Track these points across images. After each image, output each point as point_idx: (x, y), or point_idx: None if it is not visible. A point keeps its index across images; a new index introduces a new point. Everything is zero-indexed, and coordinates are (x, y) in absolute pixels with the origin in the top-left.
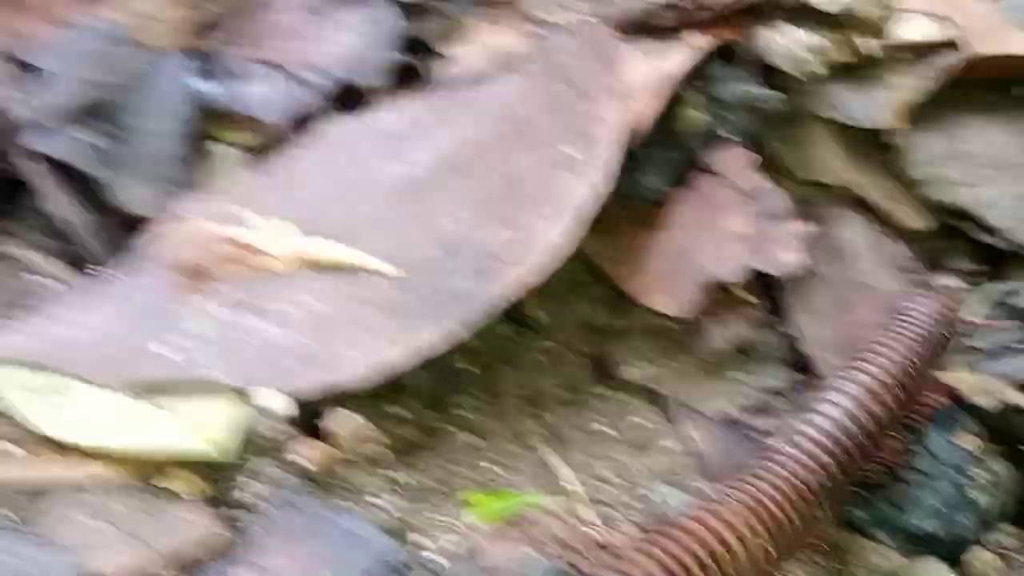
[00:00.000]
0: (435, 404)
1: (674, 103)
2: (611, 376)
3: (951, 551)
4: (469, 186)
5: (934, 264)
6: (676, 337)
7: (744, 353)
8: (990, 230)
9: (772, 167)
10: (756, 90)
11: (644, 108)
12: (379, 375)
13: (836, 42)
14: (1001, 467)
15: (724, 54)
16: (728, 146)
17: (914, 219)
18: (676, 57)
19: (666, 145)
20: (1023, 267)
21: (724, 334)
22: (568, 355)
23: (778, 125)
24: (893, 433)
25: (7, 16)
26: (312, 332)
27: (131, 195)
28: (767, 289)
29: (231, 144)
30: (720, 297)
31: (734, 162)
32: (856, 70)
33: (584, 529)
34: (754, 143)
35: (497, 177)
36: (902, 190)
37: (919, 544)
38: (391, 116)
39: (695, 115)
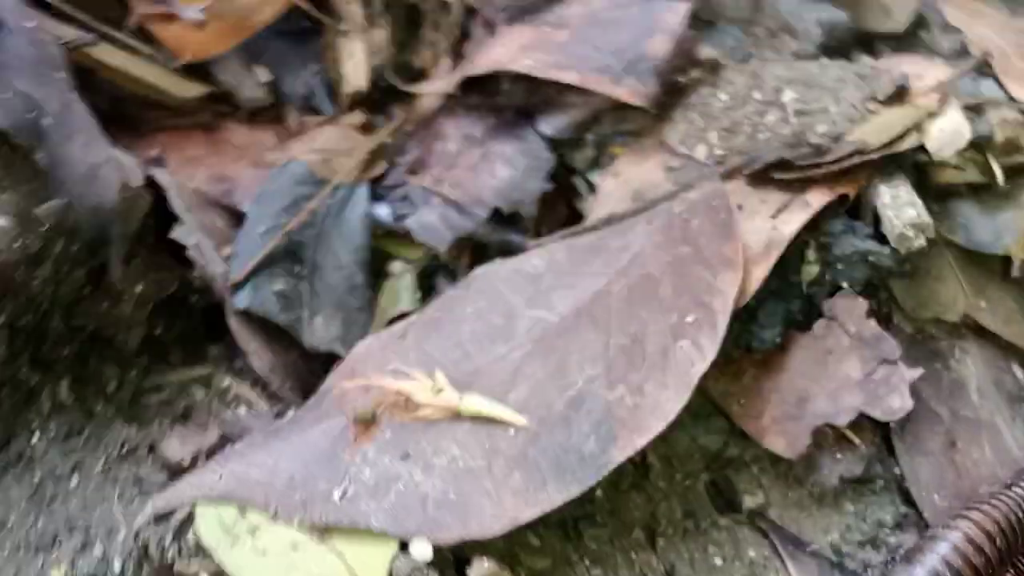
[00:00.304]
0: (565, 531)
1: (792, 255)
2: (730, 503)
3: None
4: (598, 340)
5: None
6: (791, 469)
7: (856, 488)
8: None
9: (891, 305)
10: (871, 246)
11: (757, 271)
12: (506, 529)
13: (968, 162)
14: None
15: (842, 208)
16: (844, 295)
17: None
18: (794, 216)
19: (783, 296)
20: None
21: (836, 469)
22: (689, 482)
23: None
24: None
25: (218, 161)
26: (455, 483)
27: (319, 335)
28: (880, 426)
29: (407, 261)
30: (832, 435)
31: (849, 310)
32: (988, 189)
33: None
34: (874, 284)
35: (624, 335)
36: None
37: None
38: (536, 260)
39: (812, 268)
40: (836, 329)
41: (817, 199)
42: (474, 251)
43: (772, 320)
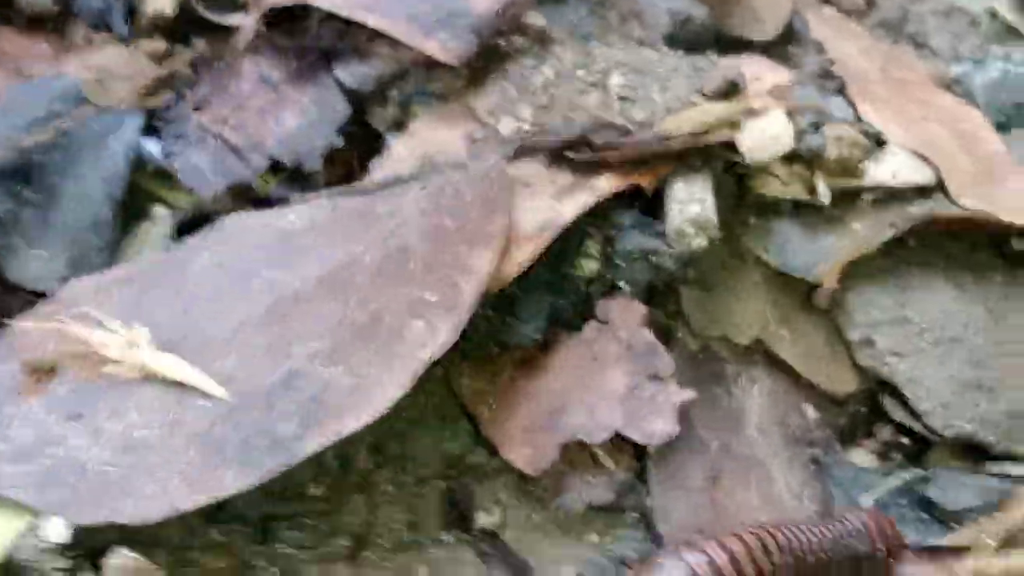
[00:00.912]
0: (263, 532)
1: (571, 246)
2: (463, 518)
3: None
4: (334, 313)
5: (851, 437)
6: (536, 488)
7: (605, 518)
8: (912, 411)
9: (678, 318)
10: (655, 244)
11: (521, 254)
12: (163, 516)
13: (795, 177)
14: None
15: (635, 201)
16: (622, 298)
17: (839, 385)
18: (577, 200)
19: (553, 290)
20: (946, 455)
21: (585, 493)
22: (422, 491)
23: (698, 270)
24: None
25: None
26: (121, 455)
27: (31, 270)
28: (641, 449)
29: (171, 206)
30: (586, 454)
31: (624, 315)
32: (814, 210)
33: None
34: (662, 292)
35: (363, 310)
36: (833, 352)
37: None
38: (293, 217)
39: (591, 263)
40: (607, 335)
41: (606, 185)
42: (256, 207)
43: (535, 314)
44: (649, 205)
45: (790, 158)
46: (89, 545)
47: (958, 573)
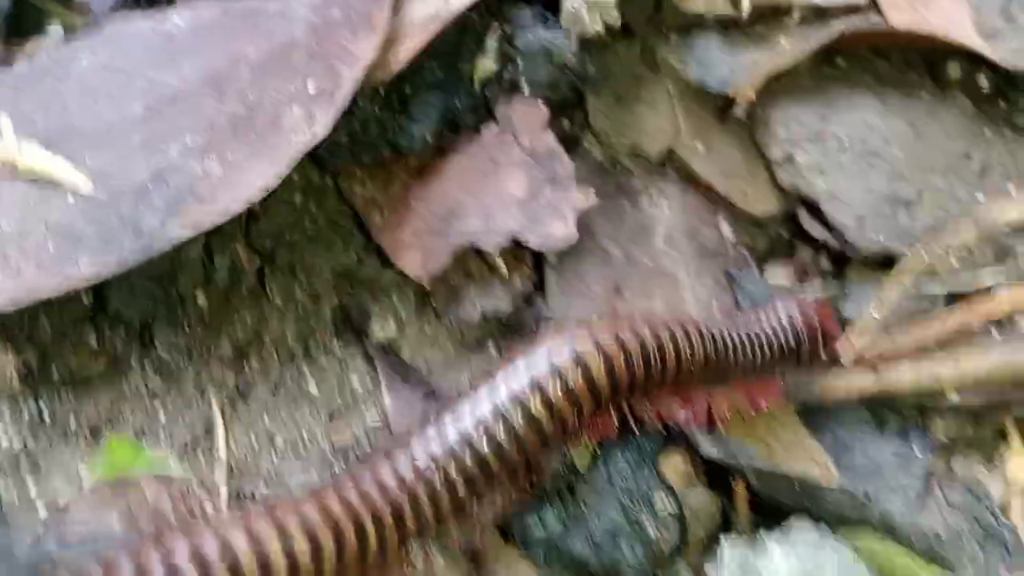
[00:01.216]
0: (142, 336)
1: (468, 43)
2: (358, 332)
3: None
4: (213, 109)
5: (772, 255)
6: (433, 301)
7: (502, 330)
8: (830, 227)
9: (585, 126)
10: (554, 36)
11: (408, 44)
12: (15, 303)
13: None
14: (700, 500)
15: None
16: (523, 100)
17: (759, 205)
18: None
19: (446, 88)
20: (866, 273)
21: (480, 304)
22: (315, 303)
23: (608, 79)
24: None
25: None
26: None
27: None
28: (542, 261)
29: (64, 23)
30: (482, 266)
31: (525, 117)
32: (738, 28)
33: (198, 501)
34: (567, 98)
35: (242, 104)
36: (752, 170)
37: (571, 570)
38: (178, 19)
39: (488, 62)
40: (506, 138)
41: None
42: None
43: (425, 114)
44: (551, 2)
45: None
46: None
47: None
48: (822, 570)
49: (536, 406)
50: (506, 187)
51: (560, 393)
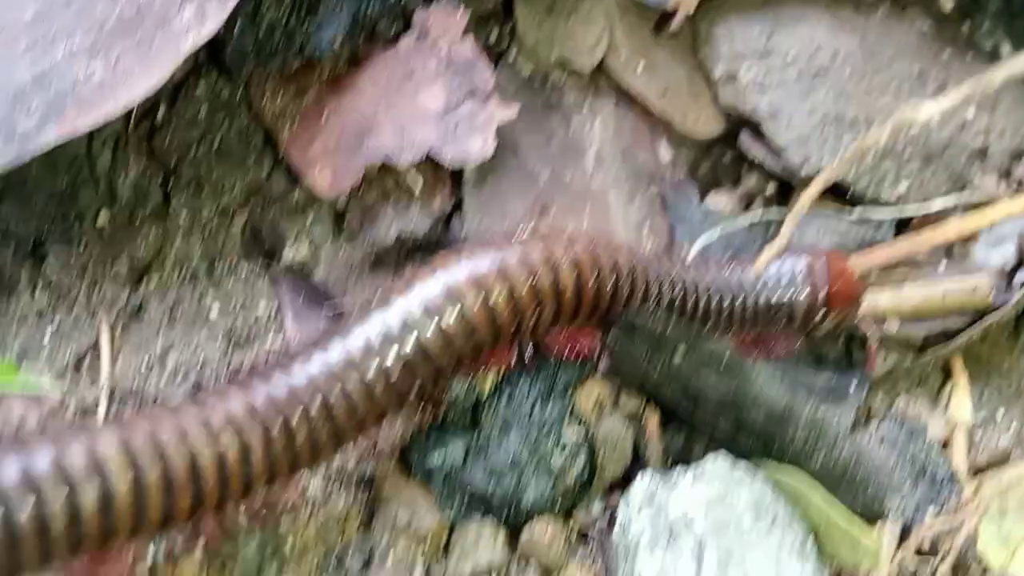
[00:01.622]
0: (34, 253)
1: None
2: (267, 253)
3: (510, 516)
4: (107, 11)
5: (714, 183)
6: (345, 220)
7: (418, 253)
8: (772, 149)
9: (512, 38)
10: None
11: None
12: None
13: None
14: (613, 430)
15: None
16: (442, 6)
17: (700, 126)
18: None
19: None
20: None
21: (396, 225)
22: (223, 223)
23: None
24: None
25: None
26: None
27: None
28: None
29: None
30: (399, 188)
31: (444, 25)
32: None
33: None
34: (498, 6)
35: (135, 4)
36: (694, 90)
37: (472, 503)
38: None
39: None
40: (423, 48)
41: None
42: None
43: (335, 19)
44: None
45: None
46: None
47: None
48: (733, 498)
49: (449, 320)
50: (422, 100)
51: (479, 308)
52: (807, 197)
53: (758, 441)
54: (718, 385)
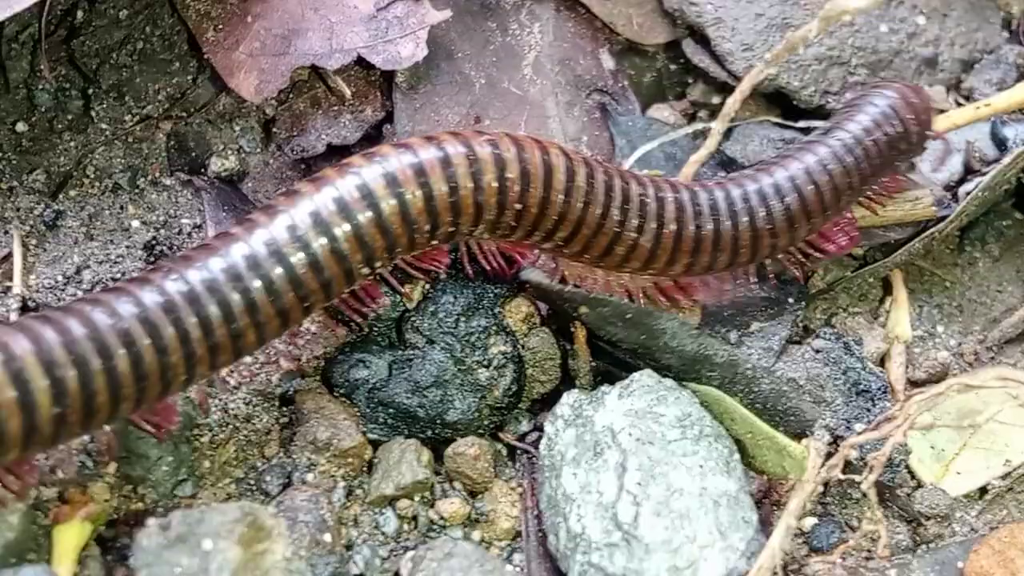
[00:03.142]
0: None
1: None
2: (193, 163)
3: (435, 434)
4: None
5: (659, 95)
6: (274, 129)
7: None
8: (716, 56)
9: None
10: None
11: None
12: None
13: None
14: (541, 344)
15: None
16: None
17: (646, 34)
18: None
19: None
20: (759, 111)
21: (326, 134)
22: (146, 132)
23: None
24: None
25: None
26: None
27: None
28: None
29: None
30: (329, 94)
31: None
32: None
33: None
34: None
35: None
36: None
37: (396, 419)
38: None
39: None
40: None
41: None
42: None
43: None
44: None
45: None
46: None
47: None
48: (658, 412)
49: (363, 217)
50: (351, 2)
51: (402, 203)
52: (738, 94)
53: (678, 379)
54: (625, 338)
